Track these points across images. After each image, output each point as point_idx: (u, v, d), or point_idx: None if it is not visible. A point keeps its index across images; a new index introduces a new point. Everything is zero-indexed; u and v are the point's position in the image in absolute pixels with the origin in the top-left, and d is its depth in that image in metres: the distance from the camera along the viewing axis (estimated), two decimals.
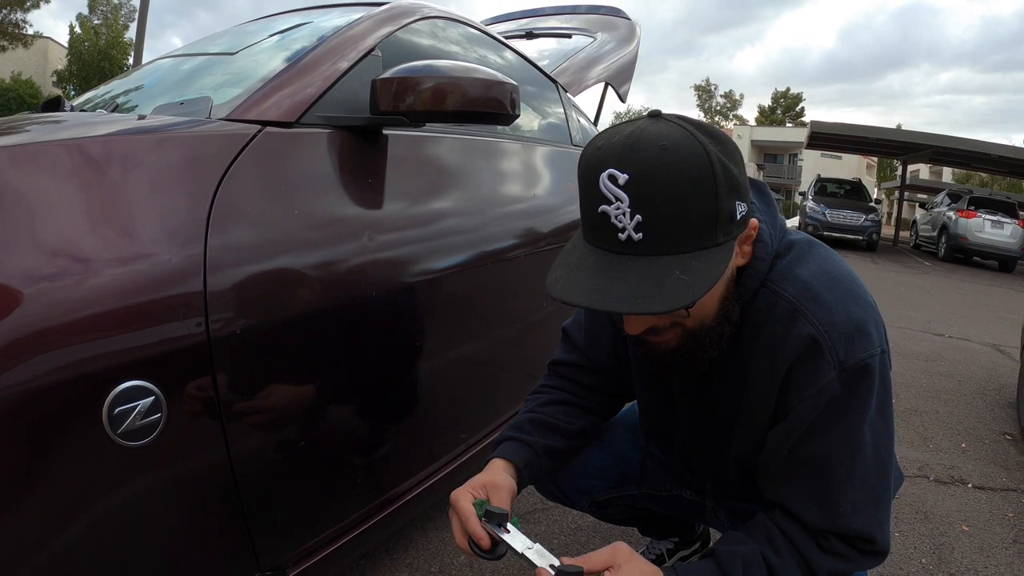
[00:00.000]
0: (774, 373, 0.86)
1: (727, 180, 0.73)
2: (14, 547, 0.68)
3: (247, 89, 1.13)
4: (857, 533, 0.84)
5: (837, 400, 0.82)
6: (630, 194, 0.70)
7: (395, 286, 1.19)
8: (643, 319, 0.82)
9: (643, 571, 0.80)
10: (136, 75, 1.76)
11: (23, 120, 1.10)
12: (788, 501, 0.86)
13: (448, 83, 1.12)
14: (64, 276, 0.72)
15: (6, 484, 0.67)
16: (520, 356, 1.75)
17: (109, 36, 25.92)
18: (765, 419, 0.89)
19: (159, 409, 0.78)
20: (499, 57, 1.98)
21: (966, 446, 2.69)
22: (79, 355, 0.71)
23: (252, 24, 1.85)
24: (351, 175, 1.14)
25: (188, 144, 0.92)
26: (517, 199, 1.73)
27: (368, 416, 1.21)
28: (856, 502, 0.83)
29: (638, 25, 3.48)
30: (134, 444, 0.76)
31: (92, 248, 0.76)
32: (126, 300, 0.76)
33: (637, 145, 0.71)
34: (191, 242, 0.84)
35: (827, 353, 0.82)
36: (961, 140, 14.44)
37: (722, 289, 0.83)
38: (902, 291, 7.74)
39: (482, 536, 0.86)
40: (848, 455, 0.83)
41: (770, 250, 0.88)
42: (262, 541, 0.99)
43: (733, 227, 0.76)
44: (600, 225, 0.74)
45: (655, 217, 0.71)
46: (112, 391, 0.73)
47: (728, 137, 0.78)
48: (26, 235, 0.72)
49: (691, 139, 0.72)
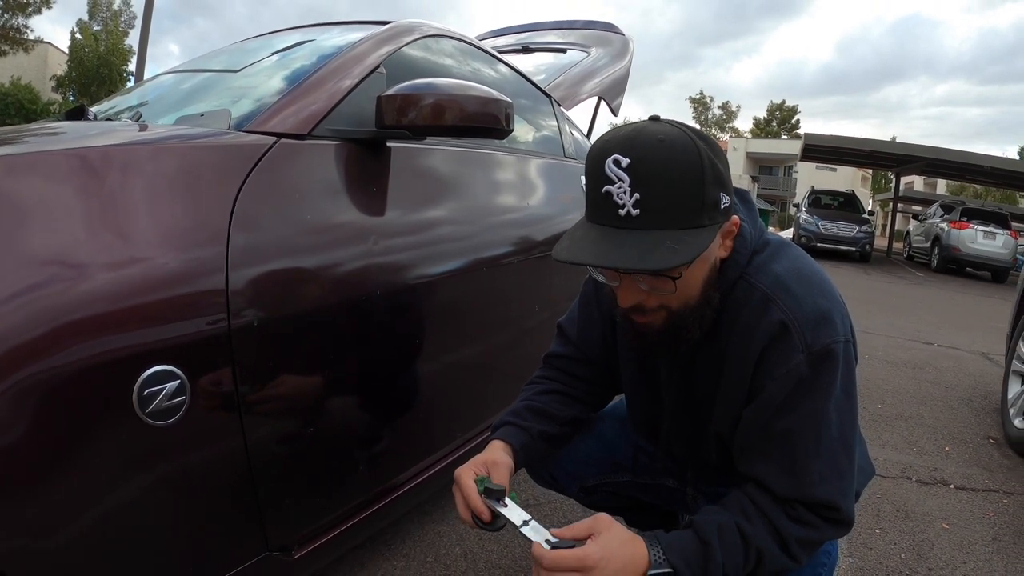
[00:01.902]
0: (749, 355, 0.95)
1: (713, 172, 0.85)
2: (55, 509, 0.76)
3: (262, 103, 1.22)
4: (822, 502, 0.92)
5: (804, 380, 0.91)
6: (631, 175, 0.83)
7: (398, 287, 1.28)
8: (634, 292, 0.92)
9: (622, 537, 0.88)
10: (149, 87, 1.85)
11: (60, 128, 1.19)
12: (759, 473, 0.95)
13: (447, 100, 1.22)
14: (102, 270, 0.81)
15: (50, 453, 0.75)
16: (513, 357, 1.83)
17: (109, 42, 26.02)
18: (741, 398, 0.98)
19: (183, 392, 0.86)
20: (495, 72, 2.07)
21: (950, 449, 2.76)
22: (114, 342, 0.80)
23: (254, 41, 1.94)
24: (358, 184, 1.23)
25: (213, 153, 1.01)
26: (512, 208, 1.82)
27: (370, 408, 1.29)
28: (822, 473, 0.92)
29: (631, 40, 3.59)
30: (160, 423, 0.84)
31: (127, 246, 0.84)
32: (156, 294, 0.85)
33: (639, 136, 0.85)
34: (215, 242, 0.92)
35: (795, 337, 0.91)
36: (953, 152, 14.59)
37: (705, 273, 0.93)
38: (893, 301, 7.84)
39: (483, 510, 0.95)
40: (814, 430, 0.92)
41: (749, 246, 0.98)
42: (272, 521, 1.07)
43: (717, 214, 0.87)
44: (603, 204, 0.85)
45: (651, 196, 0.83)
46: (142, 374, 0.82)
47: (716, 142, 0.90)
48: (69, 233, 0.80)
49: (685, 136, 0.85)
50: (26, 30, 21.68)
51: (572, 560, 0.84)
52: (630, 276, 0.90)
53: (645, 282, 0.90)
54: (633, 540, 0.88)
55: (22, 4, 20.79)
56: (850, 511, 0.94)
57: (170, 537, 0.92)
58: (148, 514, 0.87)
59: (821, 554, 1.04)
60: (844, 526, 0.95)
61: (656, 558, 0.88)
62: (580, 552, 0.85)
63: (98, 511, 0.81)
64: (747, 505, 0.94)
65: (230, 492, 1.00)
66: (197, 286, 0.89)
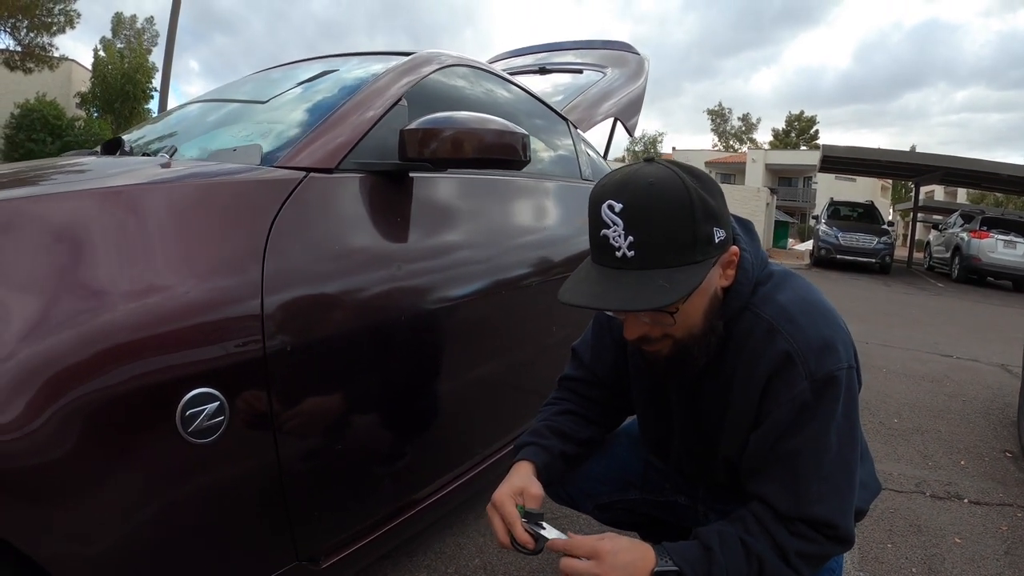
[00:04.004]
0: (755, 383, 1.01)
1: (704, 209, 0.90)
2: (102, 518, 0.83)
3: (291, 137, 1.30)
4: (822, 520, 0.97)
5: (808, 405, 0.97)
6: (624, 219, 0.89)
7: (420, 310, 1.35)
8: (637, 325, 0.98)
9: (631, 541, 0.96)
10: (178, 118, 1.94)
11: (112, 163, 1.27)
12: (763, 491, 1.00)
13: (466, 133, 1.30)
14: (150, 299, 0.88)
15: (100, 466, 0.82)
16: (530, 376, 1.89)
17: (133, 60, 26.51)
18: (748, 423, 1.04)
19: (222, 413, 0.94)
20: (512, 97, 2.14)
21: (965, 463, 2.76)
22: (160, 365, 0.87)
23: (277, 71, 2.02)
24: (382, 214, 1.30)
25: (248, 188, 1.09)
26: (530, 231, 1.88)
27: (394, 426, 1.36)
28: (822, 493, 0.97)
29: (647, 59, 3.65)
30: (200, 441, 0.91)
31: (173, 276, 0.92)
32: (198, 320, 0.92)
33: (630, 181, 0.91)
34: (251, 271, 1.00)
35: (799, 366, 0.97)
36: (970, 160, 14.45)
37: (705, 304, 0.98)
38: (913, 313, 7.77)
39: (528, 540, 1.02)
40: (815, 453, 0.97)
41: (751, 276, 1.03)
42: (301, 532, 1.13)
43: (711, 248, 0.92)
44: (602, 245, 0.92)
45: (644, 237, 0.89)
46: (184, 396, 0.89)
47: (710, 177, 0.97)
48: (120, 265, 0.88)
49: (674, 177, 0.91)
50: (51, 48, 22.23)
51: (586, 546, 0.94)
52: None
53: (646, 316, 0.96)
54: (641, 543, 0.96)
55: (47, 23, 21.34)
56: (849, 529, 0.99)
57: (207, 545, 0.99)
58: (188, 524, 0.94)
59: (824, 571, 1.09)
60: (844, 543, 1.00)
61: (662, 557, 0.95)
62: (593, 539, 0.95)
63: (142, 520, 0.88)
64: (750, 521, 0.99)
65: (263, 504, 1.06)
66: (235, 313, 0.97)
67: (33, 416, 0.75)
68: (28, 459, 0.75)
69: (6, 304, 0.77)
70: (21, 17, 20.81)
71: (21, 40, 21.42)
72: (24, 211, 0.88)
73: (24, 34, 21.30)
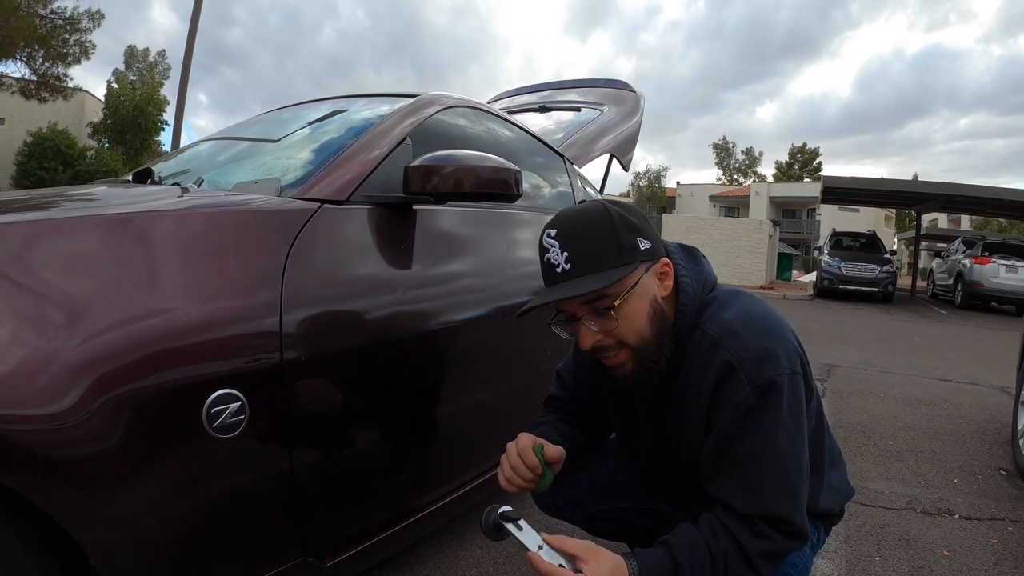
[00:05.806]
0: (704, 393, 1.12)
1: (624, 222, 1.08)
2: (135, 506, 0.94)
3: (305, 172, 1.45)
4: (778, 516, 1.06)
5: (753, 410, 1.06)
6: (559, 240, 1.08)
7: (423, 332, 1.48)
8: (588, 334, 1.10)
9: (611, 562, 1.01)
10: (193, 154, 2.09)
11: (152, 191, 1.41)
12: (723, 494, 1.10)
13: (464, 169, 1.44)
14: (182, 312, 1.01)
15: (135, 459, 0.94)
16: (526, 396, 1.97)
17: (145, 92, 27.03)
18: (702, 430, 1.14)
19: (243, 412, 1.05)
20: (512, 135, 2.29)
21: (958, 481, 2.79)
22: (189, 369, 1.00)
23: (287, 111, 2.17)
24: (388, 242, 1.44)
25: (269, 216, 1.23)
26: (527, 261, 1.98)
27: (397, 437, 1.47)
28: (776, 490, 1.06)
29: (643, 97, 3.82)
30: (223, 437, 1.03)
31: (203, 292, 1.05)
32: (224, 331, 1.05)
33: (562, 214, 1.11)
34: (271, 290, 1.13)
35: (741, 374, 1.07)
36: (970, 187, 14.58)
37: (647, 308, 1.10)
38: (915, 340, 7.81)
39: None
40: (766, 453, 1.07)
41: (693, 297, 1.15)
42: (309, 528, 1.24)
43: (637, 253, 1.08)
44: (546, 268, 1.10)
45: (575, 250, 1.06)
46: (211, 395, 1.01)
47: (635, 207, 1.16)
48: (156, 280, 1.01)
49: (597, 203, 1.11)
50: (66, 78, 22.68)
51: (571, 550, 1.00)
52: (581, 321, 1.09)
53: (592, 321, 1.08)
54: (619, 564, 1.01)
55: (63, 54, 21.81)
56: (803, 524, 1.08)
57: (223, 534, 1.10)
58: (208, 513, 1.05)
59: (787, 565, 1.18)
60: (799, 539, 1.08)
61: (633, 571, 1.02)
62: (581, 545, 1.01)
63: (169, 509, 0.99)
64: (715, 524, 1.08)
65: (276, 499, 1.17)
66: (256, 326, 1.10)
67: (84, 408, 0.87)
68: (79, 447, 0.87)
69: (68, 310, 0.90)
70: (38, 47, 21.14)
71: (37, 70, 21.75)
72: (91, 227, 1.02)
73: (40, 64, 21.63)
